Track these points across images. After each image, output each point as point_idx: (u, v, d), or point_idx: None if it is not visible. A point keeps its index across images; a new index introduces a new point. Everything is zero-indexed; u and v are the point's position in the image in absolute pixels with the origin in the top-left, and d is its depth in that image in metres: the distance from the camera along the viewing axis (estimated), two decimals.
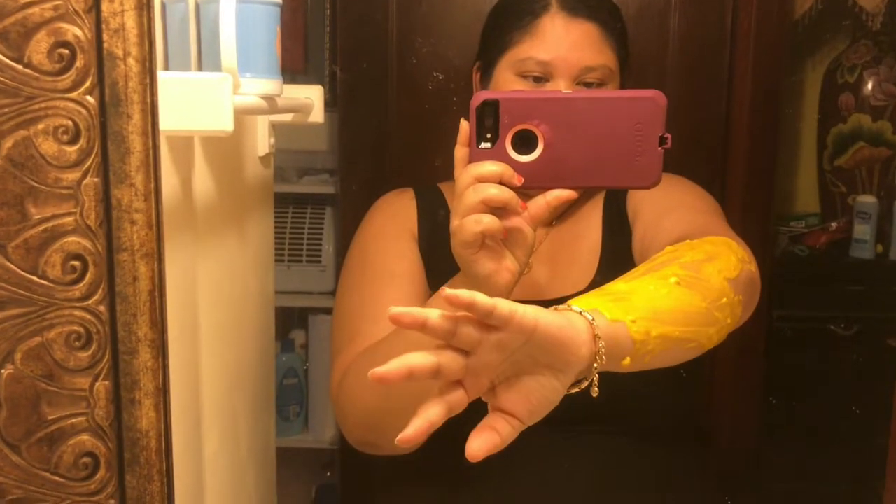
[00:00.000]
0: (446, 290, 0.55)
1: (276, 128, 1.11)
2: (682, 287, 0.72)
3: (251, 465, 1.09)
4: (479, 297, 0.55)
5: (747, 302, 0.81)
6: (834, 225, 2.07)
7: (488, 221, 0.73)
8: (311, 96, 1.07)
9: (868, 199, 2.03)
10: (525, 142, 0.74)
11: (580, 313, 0.63)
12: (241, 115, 0.87)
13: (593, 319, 0.63)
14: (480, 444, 0.59)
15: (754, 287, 0.84)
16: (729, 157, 1.71)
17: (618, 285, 0.72)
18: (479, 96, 0.74)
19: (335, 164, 1.88)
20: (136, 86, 0.50)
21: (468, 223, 0.74)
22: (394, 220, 1.09)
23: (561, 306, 0.65)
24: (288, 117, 1.07)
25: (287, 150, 1.80)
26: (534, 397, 0.61)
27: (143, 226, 0.51)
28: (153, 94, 0.51)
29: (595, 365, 0.63)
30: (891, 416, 0.84)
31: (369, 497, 1.38)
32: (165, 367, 0.54)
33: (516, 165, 0.74)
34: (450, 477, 1.01)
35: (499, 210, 0.74)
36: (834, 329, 1.99)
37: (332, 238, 1.93)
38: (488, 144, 0.74)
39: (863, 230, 2.00)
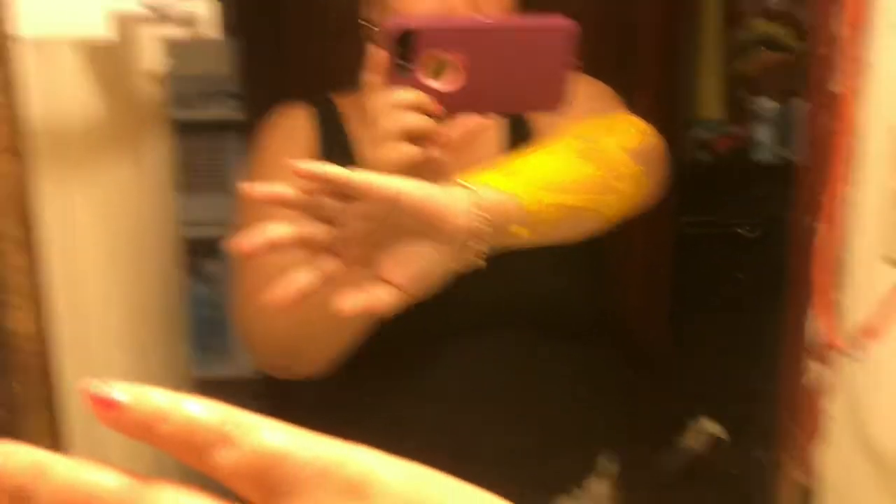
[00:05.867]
0: (296, 164, 0.57)
1: (174, 49, 1.06)
2: (577, 157, 0.73)
3: None
4: (332, 170, 0.57)
5: (652, 173, 0.83)
6: (736, 129, 2.12)
7: (407, 150, 0.72)
8: (202, 8, 1.03)
9: (769, 104, 2.08)
10: (440, 69, 0.73)
11: (464, 186, 0.64)
12: (123, 23, 0.83)
13: (477, 190, 0.64)
14: (351, 303, 0.61)
15: (658, 159, 0.85)
16: (637, 54, 1.72)
17: (512, 163, 0.73)
18: (394, 23, 0.72)
19: (238, 89, 1.83)
20: None
21: (387, 152, 0.72)
22: (290, 142, 1.06)
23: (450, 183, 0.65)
24: (179, 32, 1.03)
25: (188, 76, 1.74)
26: (412, 265, 0.62)
27: (2, 120, 0.49)
28: None
29: (477, 232, 0.64)
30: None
31: (295, 423, 1.38)
32: (38, 269, 0.52)
33: (432, 93, 0.73)
34: (370, 385, 1.01)
35: (416, 139, 0.73)
36: (740, 232, 2.06)
37: (238, 165, 1.89)
38: (403, 72, 0.73)
39: (763, 133, 2.06)
